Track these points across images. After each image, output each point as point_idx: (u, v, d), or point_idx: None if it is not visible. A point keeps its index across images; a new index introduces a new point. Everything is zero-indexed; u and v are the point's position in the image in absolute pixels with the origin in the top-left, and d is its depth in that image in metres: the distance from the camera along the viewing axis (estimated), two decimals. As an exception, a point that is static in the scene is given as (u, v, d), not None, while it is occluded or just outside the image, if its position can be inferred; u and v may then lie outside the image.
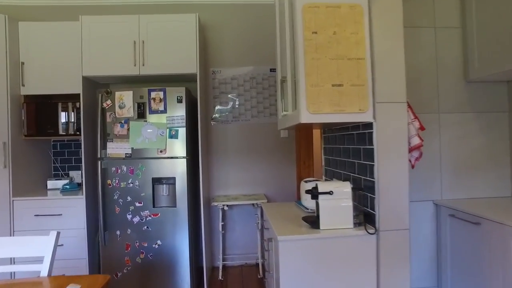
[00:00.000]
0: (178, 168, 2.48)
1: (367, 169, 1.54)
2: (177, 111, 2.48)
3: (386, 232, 1.44)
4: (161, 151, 2.46)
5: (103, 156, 2.46)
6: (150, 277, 2.46)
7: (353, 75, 1.46)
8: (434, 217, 2.11)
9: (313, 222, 1.52)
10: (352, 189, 1.51)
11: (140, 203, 2.46)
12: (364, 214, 1.53)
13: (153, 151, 2.46)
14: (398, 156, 1.45)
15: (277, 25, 2.02)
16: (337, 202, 1.49)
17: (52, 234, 1.36)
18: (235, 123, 3.21)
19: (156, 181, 2.48)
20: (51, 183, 2.93)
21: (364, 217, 1.53)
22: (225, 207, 2.88)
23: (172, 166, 2.48)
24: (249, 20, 3.21)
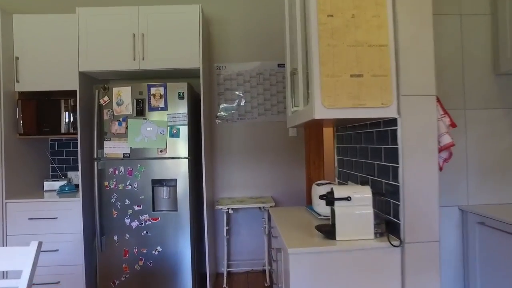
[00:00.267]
0: (180, 169, 2.32)
1: (390, 171, 1.36)
2: (179, 108, 2.32)
3: (413, 245, 1.25)
4: (161, 151, 2.30)
5: (100, 156, 2.31)
6: (149, 286, 2.31)
7: (374, 64, 1.28)
8: (459, 224, 1.91)
9: (328, 232, 1.34)
10: (373, 194, 1.32)
11: (139, 206, 2.31)
12: (386, 223, 1.35)
13: (153, 151, 2.30)
14: (426, 157, 1.27)
15: (286, 8, 1.84)
16: (356, 209, 1.31)
17: (33, 245, 1.21)
18: (240, 122, 3.04)
19: (156, 183, 2.32)
20: (48, 185, 2.79)
21: (386, 226, 1.34)
22: (230, 211, 2.72)
23: (173, 167, 2.31)
24: (255, 13, 3.04)
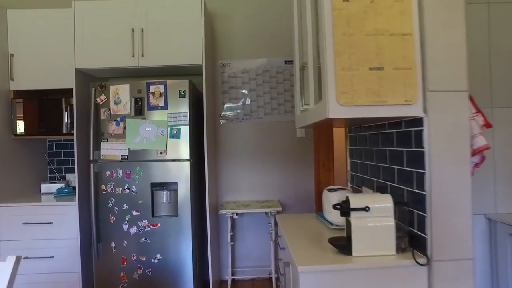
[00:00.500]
0: (181, 172, 2.18)
1: (414, 178, 1.19)
2: (180, 107, 2.18)
3: (442, 263, 1.09)
4: (161, 153, 2.16)
5: (96, 158, 2.19)
6: (148, 296, 2.17)
7: (397, 56, 1.11)
8: (486, 235, 1.73)
9: (343, 246, 1.18)
10: (394, 203, 1.16)
11: (137, 211, 2.17)
12: (409, 237, 1.19)
13: (152, 152, 2.17)
14: (457, 162, 1.10)
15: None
16: (375, 220, 1.15)
17: (10, 260, 1.08)
18: (246, 121, 2.89)
19: (155, 187, 2.18)
20: (45, 187, 2.68)
21: (409, 240, 1.18)
22: (235, 216, 2.57)
23: (173, 170, 2.18)
24: (261, 7, 2.89)
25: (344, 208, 1.16)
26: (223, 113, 2.89)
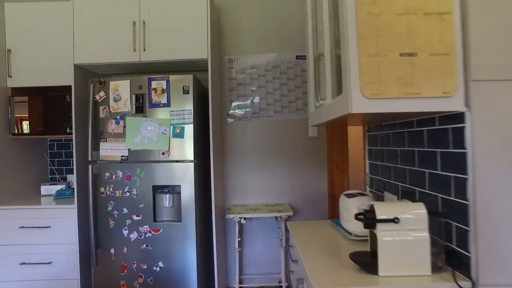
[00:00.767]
0: (185, 174, 2.03)
1: (451, 183, 1.01)
2: (183, 105, 2.03)
3: (490, 288, 0.91)
4: (163, 153, 2.02)
5: (95, 158, 2.06)
6: (150, 307, 2.03)
7: (433, 39, 0.94)
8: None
9: (367, 264, 1.00)
10: (428, 213, 0.98)
11: (138, 216, 2.03)
12: (446, 253, 1.01)
13: (154, 153, 2.02)
14: (510, 166, 0.91)
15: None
16: (406, 234, 0.97)
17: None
18: (255, 120, 2.73)
19: (157, 190, 2.04)
20: (45, 189, 2.57)
21: (447, 257, 1.00)
22: (243, 220, 2.41)
23: (177, 172, 2.03)
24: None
25: (369, 220, 0.99)
26: (230, 111, 2.74)
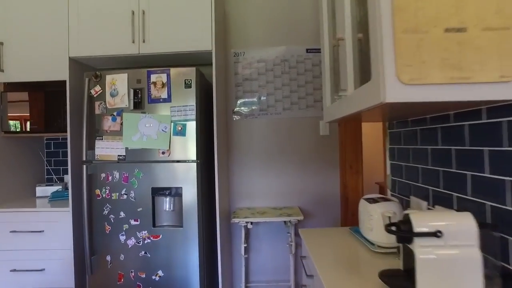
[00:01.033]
0: (186, 175, 1.87)
1: (506, 189, 0.83)
2: (185, 100, 1.87)
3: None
4: (163, 153, 1.86)
5: (90, 158, 1.90)
6: (149, 319, 1.88)
7: (487, 10, 0.76)
8: None
9: (401, 287, 0.83)
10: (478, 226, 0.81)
11: (136, 220, 1.88)
12: (502, 276, 0.83)
13: (153, 152, 1.87)
14: None
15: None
16: (451, 251, 0.79)
17: None
18: (262, 118, 2.56)
19: (157, 192, 1.88)
20: (41, 190, 2.43)
21: (503, 281, 0.82)
22: (249, 225, 2.24)
23: (178, 172, 1.87)
24: (280, -12, 2.56)
25: (405, 233, 0.81)
26: (236, 108, 2.57)
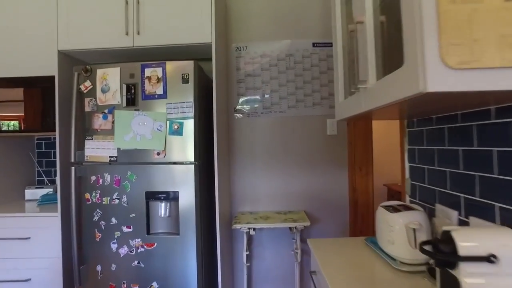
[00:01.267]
0: (184, 178, 1.71)
1: None
2: (183, 96, 1.72)
3: None
4: (158, 153, 1.71)
5: (79, 159, 1.75)
6: (142, 335, 1.72)
7: (556, -25, 0.60)
8: None
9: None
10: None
11: (128, 227, 1.72)
12: None
13: (147, 153, 1.71)
14: None
15: None
16: (510, 282, 0.63)
17: None
18: (265, 116, 2.40)
19: (151, 197, 1.73)
20: (30, 193, 2.29)
21: None
22: (252, 231, 2.08)
23: (174, 175, 1.71)
24: (285, -23, 2.40)
25: (447, 256, 0.65)
26: (238, 106, 2.42)
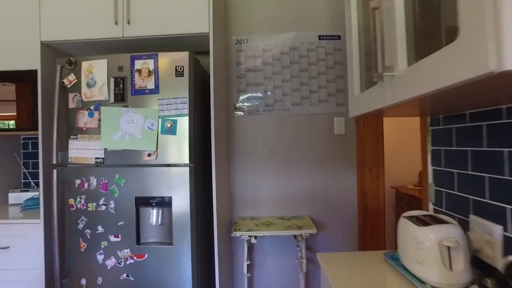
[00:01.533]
0: (177, 182, 1.55)
1: None
2: (177, 91, 1.55)
3: None
4: (149, 155, 1.54)
5: (63, 161, 1.59)
6: None
7: None
8: None
9: None
10: None
11: (116, 236, 1.56)
12: None
13: (137, 154, 1.55)
14: None
15: None
16: None
17: None
18: (268, 114, 2.23)
19: (142, 203, 1.56)
20: (15, 197, 2.14)
21: None
22: (253, 239, 1.92)
23: (167, 179, 1.55)
24: (289, -35, 2.23)
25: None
26: (238, 103, 2.25)
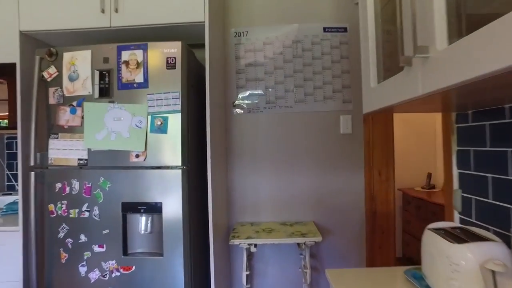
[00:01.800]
0: (168, 186, 1.39)
1: None
2: (168, 85, 1.40)
3: None
4: (137, 156, 1.39)
5: (42, 163, 1.44)
6: None
7: None
8: None
9: None
10: None
11: (101, 246, 1.40)
12: None
13: (124, 155, 1.39)
14: None
15: None
16: None
17: None
18: (269, 112, 2.08)
19: (129, 209, 1.40)
20: (-4, 200, 1.98)
21: None
22: (253, 247, 1.76)
23: (157, 182, 1.39)
24: (292, -48, 2.08)
25: None
26: (237, 100, 2.09)
